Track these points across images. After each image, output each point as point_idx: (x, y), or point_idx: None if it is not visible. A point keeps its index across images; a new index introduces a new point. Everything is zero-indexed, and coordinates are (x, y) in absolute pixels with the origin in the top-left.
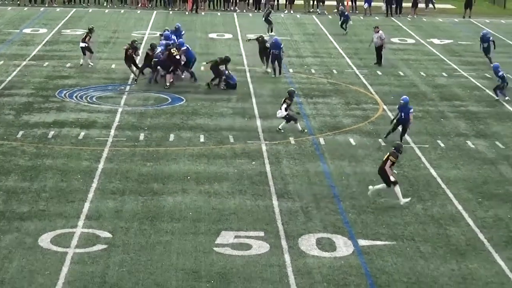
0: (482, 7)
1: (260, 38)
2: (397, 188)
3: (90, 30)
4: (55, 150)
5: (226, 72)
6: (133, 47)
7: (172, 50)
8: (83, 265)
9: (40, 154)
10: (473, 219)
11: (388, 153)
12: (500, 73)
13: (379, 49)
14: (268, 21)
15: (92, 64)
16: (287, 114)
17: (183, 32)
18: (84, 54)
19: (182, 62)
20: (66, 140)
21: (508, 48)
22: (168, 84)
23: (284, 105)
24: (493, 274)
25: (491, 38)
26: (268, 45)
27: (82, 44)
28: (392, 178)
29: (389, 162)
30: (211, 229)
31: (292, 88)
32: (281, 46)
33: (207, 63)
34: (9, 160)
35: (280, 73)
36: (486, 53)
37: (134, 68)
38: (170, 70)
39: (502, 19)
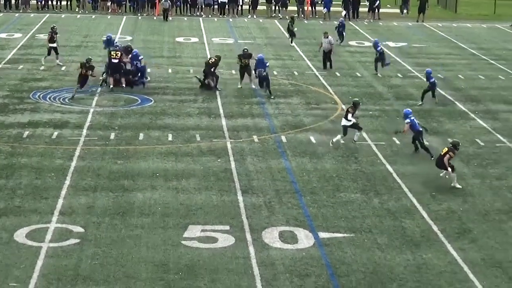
0: (434, 12)
1: (245, 52)
2: (454, 174)
3: (52, 29)
4: (29, 149)
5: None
6: (87, 67)
7: (112, 52)
8: (57, 259)
9: (15, 153)
10: (427, 212)
11: (447, 148)
12: (432, 79)
13: (328, 54)
14: (291, 33)
15: (61, 63)
16: (353, 123)
17: (116, 42)
18: (57, 53)
19: (123, 66)
20: (40, 139)
21: (459, 50)
22: (111, 85)
23: (349, 115)
24: (446, 264)
25: (380, 47)
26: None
27: (53, 45)
28: (450, 166)
29: (447, 156)
30: (179, 223)
31: (357, 98)
32: (267, 65)
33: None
34: None
35: (270, 94)
36: (377, 62)
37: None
38: (109, 72)
39: (453, 22)
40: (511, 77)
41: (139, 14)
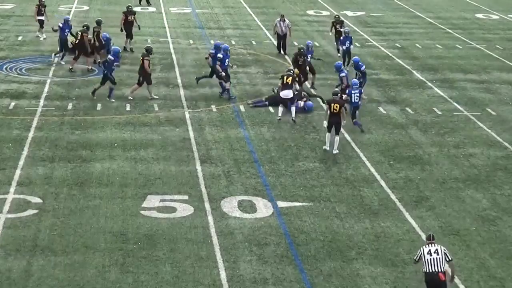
0: None
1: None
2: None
3: (40, 2)
4: None
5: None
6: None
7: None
8: (15, 230)
9: None
10: (385, 181)
11: None
12: (363, 68)
13: (284, 37)
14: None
15: (41, 36)
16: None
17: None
18: (42, 27)
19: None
20: None
21: (416, 19)
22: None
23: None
24: (404, 232)
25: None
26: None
27: (41, 17)
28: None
29: None
30: (138, 193)
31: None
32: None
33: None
34: None
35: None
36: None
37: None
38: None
39: None
40: (468, 46)
41: None
